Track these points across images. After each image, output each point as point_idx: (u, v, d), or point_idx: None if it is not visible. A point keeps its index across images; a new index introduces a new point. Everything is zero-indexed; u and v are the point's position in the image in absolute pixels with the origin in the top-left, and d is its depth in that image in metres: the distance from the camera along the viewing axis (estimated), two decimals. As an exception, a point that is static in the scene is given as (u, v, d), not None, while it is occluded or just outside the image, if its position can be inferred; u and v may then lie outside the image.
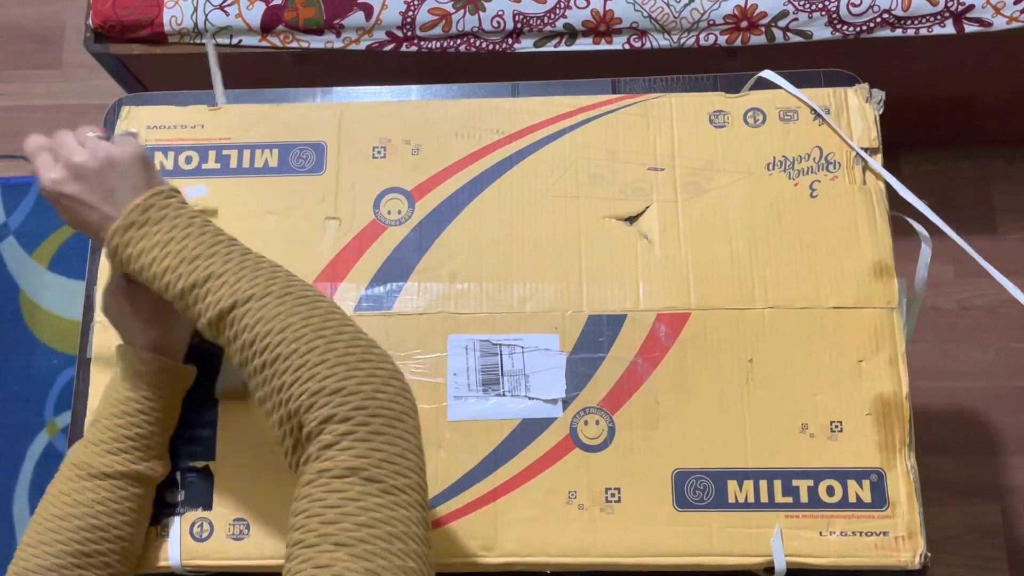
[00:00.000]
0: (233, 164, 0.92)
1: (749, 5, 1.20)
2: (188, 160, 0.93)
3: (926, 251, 0.86)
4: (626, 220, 0.89)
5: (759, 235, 0.88)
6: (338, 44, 1.26)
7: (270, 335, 0.62)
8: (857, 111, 0.91)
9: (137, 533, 0.78)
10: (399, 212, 0.90)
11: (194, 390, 0.84)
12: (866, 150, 0.89)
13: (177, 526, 0.82)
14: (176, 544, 0.81)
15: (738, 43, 1.22)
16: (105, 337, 0.87)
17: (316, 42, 1.26)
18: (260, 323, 0.62)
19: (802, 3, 1.20)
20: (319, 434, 0.59)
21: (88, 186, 0.69)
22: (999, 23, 1.19)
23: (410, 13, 1.23)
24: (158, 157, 0.93)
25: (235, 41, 1.27)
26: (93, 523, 0.73)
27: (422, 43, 1.25)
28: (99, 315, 0.88)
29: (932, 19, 1.20)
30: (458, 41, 1.25)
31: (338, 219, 0.90)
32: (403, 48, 1.26)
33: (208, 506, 0.83)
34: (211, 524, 0.82)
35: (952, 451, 1.55)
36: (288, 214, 0.91)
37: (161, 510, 0.82)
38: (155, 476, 0.79)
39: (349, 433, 0.58)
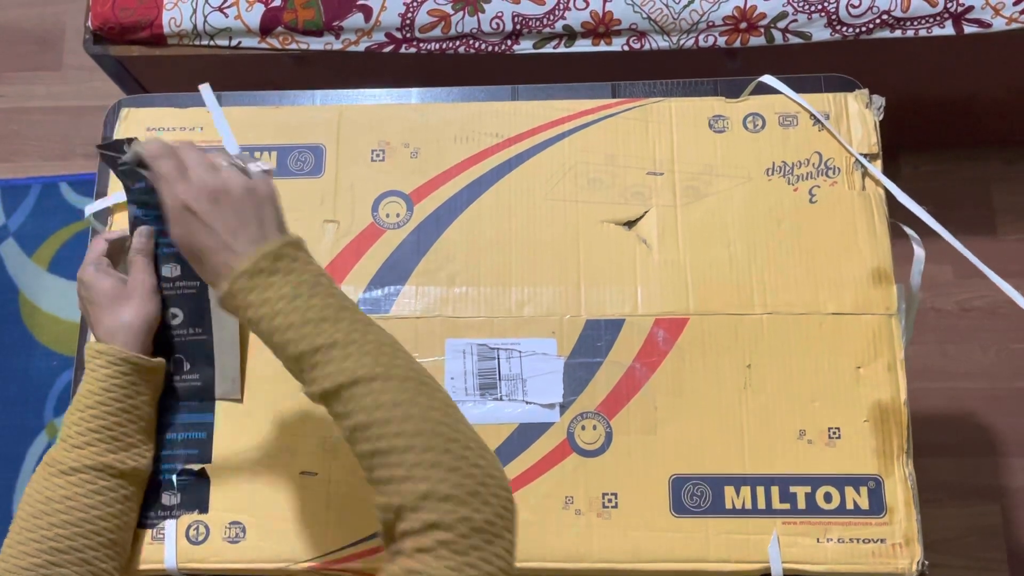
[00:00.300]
0: (231, 168, 0.92)
1: (748, 6, 1.20)
2: (186, 164, 0.92)
3: (919, 257, 0.85)
4: (625, 224, 0.89)
5: (758, 240, 0.87)
6: (337, 46, 1.26)
7: (388, 424, 0.60)
8: (857, 117, 0.90)
9: (118, 527, 0.77)
10: (397, 215, 0.90)
11: (189, 393, 0.84)
12: (866, 156, 0.89)
13: (173, 529, 0.82)
14: (172, 547, 0.81)
15: (737, 44, 1.22)
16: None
17: (315, 44, 1.26)
18: (380, 408, 0.60)
19: (801, 4, 1.19)
20: (417, 534, 0.57)
21: (221, 212, 0.65)
22: (998, 24, 1.19)
23: (409, 15, 1.23)
24: (156, 160, 0.93)
25: (234, 43, 1.27)
26: (65, 519, 0.73)
27: (421, 45, 1.25)
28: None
29: (931, 20, 1.20)
30: (457, 43, 1.25)
31: (336, 222, 0.90)
32: (402, 50, 1.26)
33: (204, 509, 0.83)
34: (207, 527, 0.82)
35: (952, 452, 1.55)
36: (287, 216, 0.89)
37: (157, 513, 0.82)
38: (127, 468, 0.78)
39: (448, 543, 0.56)
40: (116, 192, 0.92)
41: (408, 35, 1.24)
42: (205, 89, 0.94)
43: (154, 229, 0.83)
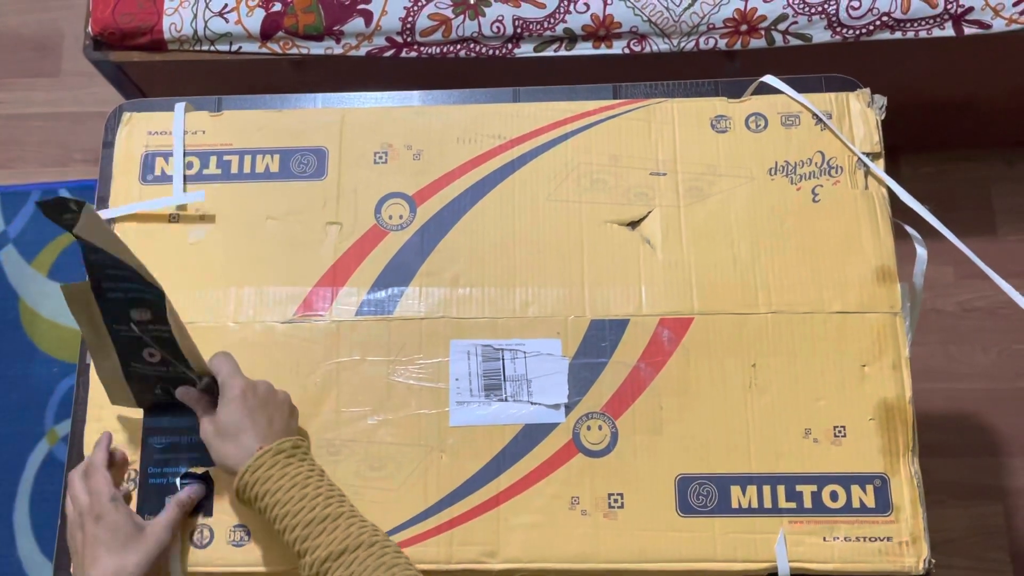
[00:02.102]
0: (234, 169, 0.92)
1: (749, 8, 1.20)
2: (189, 166, 0.92)
3: (922, 256, 0.85)
4: (628, 225, 0.89)
5: (762, 240, 0.88)
6: (338, 50, 1.26)
7: None
8: (859, 116, 0.91)
9: None
10: (400, 217, 0.90)
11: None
12: (868, 155, 0.89)
13: (177, 533, 0.81)
14: (176, 551, 0.81)
15: (738, 47, 1.22)
16: (106, 344, 0.87)
17: (316, 48, 1.26)
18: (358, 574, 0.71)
19: (801, 6, 1.20)
20: None
21: (264, 408, 0.79)
22: (998, 25, 1.19)
23: (410, 19, 1.23)
24: (159, 163, 0.93)
25: (235, 48, 1.26)
26: None
27: (422, 49, 1.25)
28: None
29: (931, 22, 1.20)
30: (458, 46, 1.25)
31: (339, 224, 0.90)
32: (403, 54, 1.26)
33: (208, 512, 0.83)
34: (211, 531, 0.82)
35: (954, 453, 1.55)
36: (289, 219, 0.90)
37: (163, 518, 0.82)
38: None
39: None
40: (121, 205, 0.92)
41: (409, 39, 1.24)
42: (179, 108, 0.94)
43: (128, 287, 0.76)
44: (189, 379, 0.81)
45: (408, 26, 1.23)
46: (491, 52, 1.24)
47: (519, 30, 1.22)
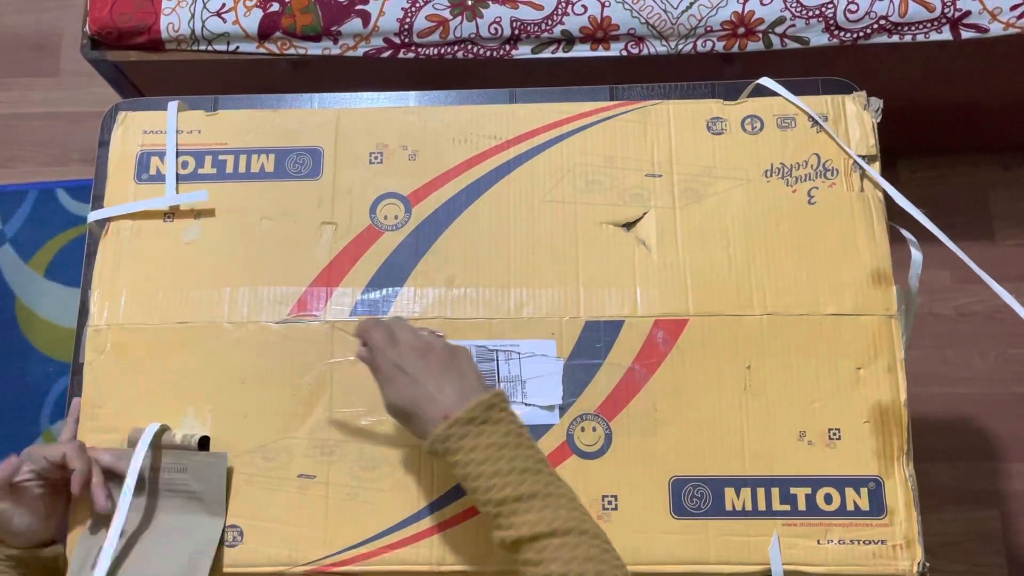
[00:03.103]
0: (229, 169, 0.92)
1: (746, 11, 1.20)
2: (185, 165, 0.92)
3: (917, 260, 0.85)
4: (624, 226, 0.89)
5: (757, 242, 0.87)
6: (335, 51, 1.26)
7: None
8: (855, 118, 0.90)
9: None
10: (396, 217, 0.90)
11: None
12: (864, 157, 0.89)
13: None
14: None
15: (735, 49, 1.22)
16: (98, 342, 0.87)
17: (313, 49, 1.26)
18: (574, 562, 0.65)
19: (799, 9, 1.20)
20: None
21: (428, 366, 0.72)
22: (996, 29, 1.19)
23: (408, 20, 1.23)
24: (154, 162, 0.92)
25: (232, 48, 1.26)
26: None
27: (420, 50, 1.25)
28: (93, 320, 0.88)
29: (929, 25, 1.20)
30: (455, 48, 1.25)
31: (334, 224, 0.90)
32: (400, 55, 1.26)
33: (203, 513, 0.82)
34: (206, 532, 0.82)
35: (951, 457, 1.55)
36: (284, 219, 0.90)
37: (156, 517, 0.82)
38: None
39: None
40: (116, 204, 0.92)
41: (406, 40, 1.24)
42: (171, 107, 0.94)
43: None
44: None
45: (406, 27, 1.23)
46: (489, 54, 1.24)
47: (517, 32, 1.22)
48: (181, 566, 0.78)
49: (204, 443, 0.83)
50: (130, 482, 0.79)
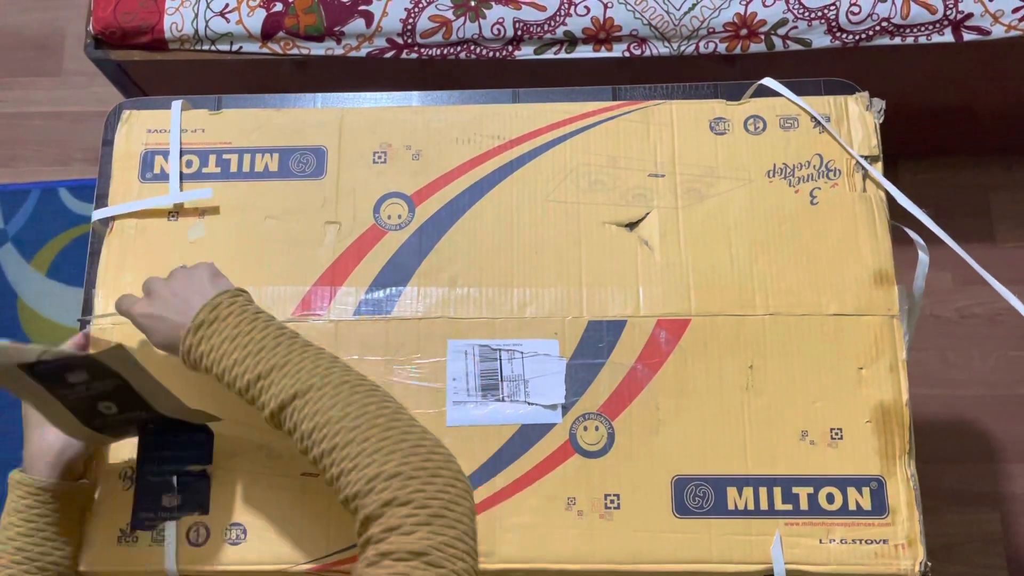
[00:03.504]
0: (233, 168, 0.92)
1: (749, 13, 1.20)
2: (189, 164, 0.93)
3: (924, 261, 0.86)
4: (626, 226, 0.89)
5: (759, 242, 0.88)
6: (339, 51, 1.26)
7: (328, 424, 0.65)
8: (857, 119, 0.91)
9: None
10: (399, 217, 0.90)
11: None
12: (866, 158, 0.89)
13: (173, 531, 0.81)
14: (172, 549, 0.81)
15: (738, 51, 1.23)
16: (101, 341, 0.87)
17: (317, 49, 1.26)
18: (319, 413, 0.65)
19: (801, 11, 1.20)
20: (379, 517, 0.60)
21: (172, 286, 0.76)
22: (997, 31, 1.20)
23: (411, 20, 1.23)
24: (158, 161, 0.93)
25: (236, 48, 1.27)
26: None
27: (422, 50, 1.25)
28: (96, 319, 0.88)
29: (931, 27, 1.20)
30: (458, 48, 1.25)
31: (338, 223, 0.90)
32: (403, 55, 1.26)
33: (205, 510, 0.82)
34: (208, 529, 0.82)
35: (952, 459, 1.55)
36: (288, 218, 0.91)
37: (156, 514, 0.82)
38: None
39: (410, 516, 0.59)
40: (120, 203, 0.92)
41: (409, 40, 1.25)
42: (175, 106, 0.94)
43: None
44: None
45: (409, 27, 1.23)
46: (491, 54, 1.25)
47: (519, 32, 1.23)
48: None
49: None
50: None
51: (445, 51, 1.25)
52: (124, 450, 0.85)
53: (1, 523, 0.79)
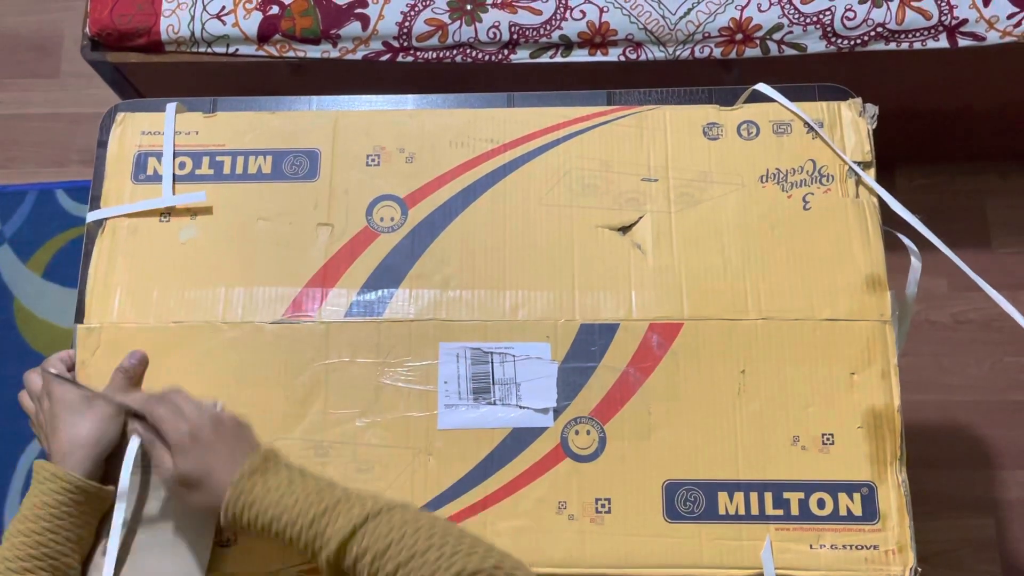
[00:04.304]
0: (227, 170, 0.92)
1: (744, 18, 1.20)
2: (182, 166, 0.93)
3: (916, 267, 0.86)
4: (619, 230, 0.89)
5: (752, 246, 0.88)
6: (335, 54, 1.26)
7: (405, 538, 0.66)
8: (850, 125, 0.91)
9: None
10: (392, 219, 0.90)
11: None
12: (859, 164, 0.89)
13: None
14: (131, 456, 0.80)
15: (733, 56, 1.23)
16: (90, 341, 0.87)
17: (313, 52, 1.27)
18: (393, 530, 0.67)
19: (797, 16, 1.20)
20: None
21: (222, 436, 0.75)
22: (992, 37, 1.20)
23: (406, 24, 1.23)
24: (151, 163, 0.93)
25: (232, 50, 1.27)
26: None
27: (418, 53, 1.26)
28: (87, 319, 0.88)
29: (926, 33, 1.20)
30: (454, 52, 1.25)
31: (330, 225, 0.90)
32: (399, 58, 1.26)
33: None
34: (199, 532, 0.82)
35: (946, 465, 1.55)
36: (281, 220, 0.91)
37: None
38: None
39: None
40: (113, 204, 0.92)
41: (405, 44, 1.25)
42: (169, 109, 0.95)
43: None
44: None
45: (405, 31, 1.24)
46: (487, 58, 1.25)
47: (515, 36, 1.23)
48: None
49: None
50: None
51: (441, 54, 1.25)
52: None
53: (23, 512, 0.77)
